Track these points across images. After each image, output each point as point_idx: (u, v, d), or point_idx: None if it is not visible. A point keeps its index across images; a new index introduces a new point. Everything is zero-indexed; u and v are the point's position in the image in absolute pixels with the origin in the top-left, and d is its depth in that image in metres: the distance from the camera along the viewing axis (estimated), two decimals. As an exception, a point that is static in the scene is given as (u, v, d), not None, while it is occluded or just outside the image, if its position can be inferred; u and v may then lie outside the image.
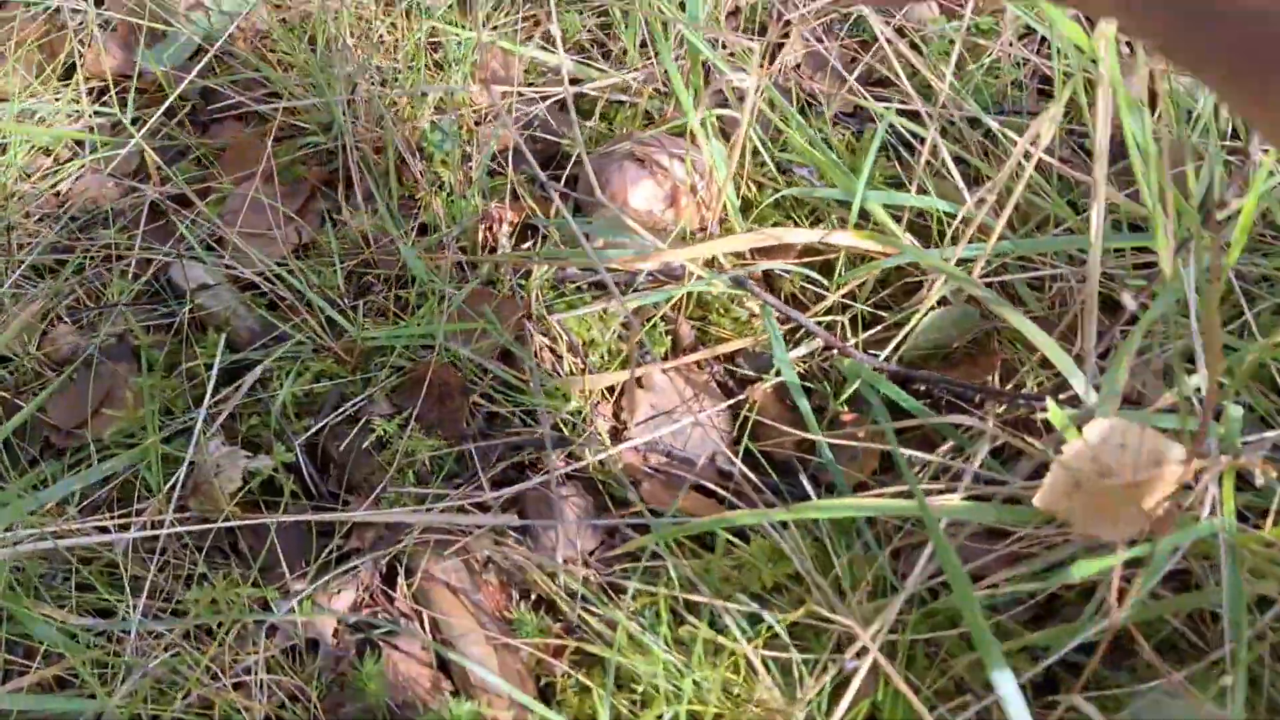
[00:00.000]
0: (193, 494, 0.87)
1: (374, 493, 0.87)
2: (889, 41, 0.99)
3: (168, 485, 0.87)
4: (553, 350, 0.94)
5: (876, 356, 0.89)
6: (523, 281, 0.99)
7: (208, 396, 0.92)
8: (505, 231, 1.01)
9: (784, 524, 0.81)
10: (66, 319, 1.03)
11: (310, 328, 0.96)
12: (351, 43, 1.10)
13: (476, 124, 1.12)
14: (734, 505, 0.86)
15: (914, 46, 1.13)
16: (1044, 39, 1.14)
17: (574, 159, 1.05)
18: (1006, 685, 0.61)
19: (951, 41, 1.13)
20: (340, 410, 0.92)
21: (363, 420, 0.92)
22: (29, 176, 1.17)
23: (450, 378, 0.91)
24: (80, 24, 1.28)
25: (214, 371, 0.93)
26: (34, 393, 0.98)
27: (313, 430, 0.91)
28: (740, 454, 0.88)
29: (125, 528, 0.86)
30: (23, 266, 1.06)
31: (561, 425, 0.91)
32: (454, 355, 0.93)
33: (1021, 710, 0.61)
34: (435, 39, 1.16)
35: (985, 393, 0.84)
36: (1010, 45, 1.09)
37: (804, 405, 0.86)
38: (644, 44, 1.14)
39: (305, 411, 0.94)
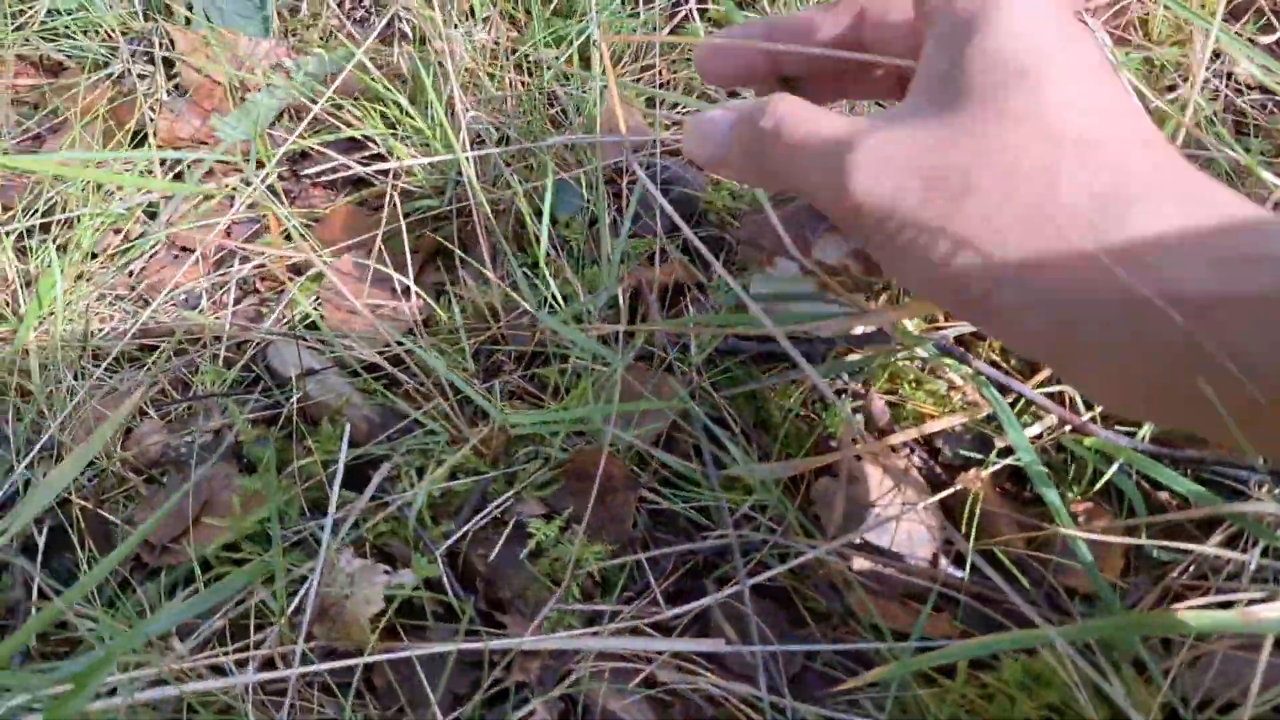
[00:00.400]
0: (319, 619, 0.73)
1: (537, 613, 0.73)
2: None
3: (290, 609, 0.73)
4: (726, 435, 0.81)
5: (1121, 435, 0.76)
6: (681, 355, 0.86)
7: (333, 500, 0.78)
8: (655, 297, 0.88)
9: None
10: (152, 413, 0.90)
11: (441, 414, 0.83)
12: (464, 97, 0.99)
13: (607, 182, 0.99)
14: (975, 619, 0.72)
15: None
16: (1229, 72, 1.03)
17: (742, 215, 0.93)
18: None
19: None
20: (484, 512, 0.79)
21: (511, 523, 0.78)
22: (95, 256, 1.05)
23: (614, 470, 0.78)
24: (149, 89, 1.17)
25: (339, 469, 0.80)
26: (119, 502, 0.85)
27: (454, 537, 0.78)
28: (970, 555, 0.74)
29: (243, 664, 0.72)
30: (109, 358, 0.93)
31: (744, 524, 0.78)
32: (615, 443, 0.80)
33: None
34: (553, 88, 1.05)
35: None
36: (1205, 77, 0.97)
37: (1051, 497, 0.71)
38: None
39: (441, 514, 0.80)
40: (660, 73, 1.09)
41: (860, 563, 0.76)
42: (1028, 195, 0.45)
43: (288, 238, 1.03)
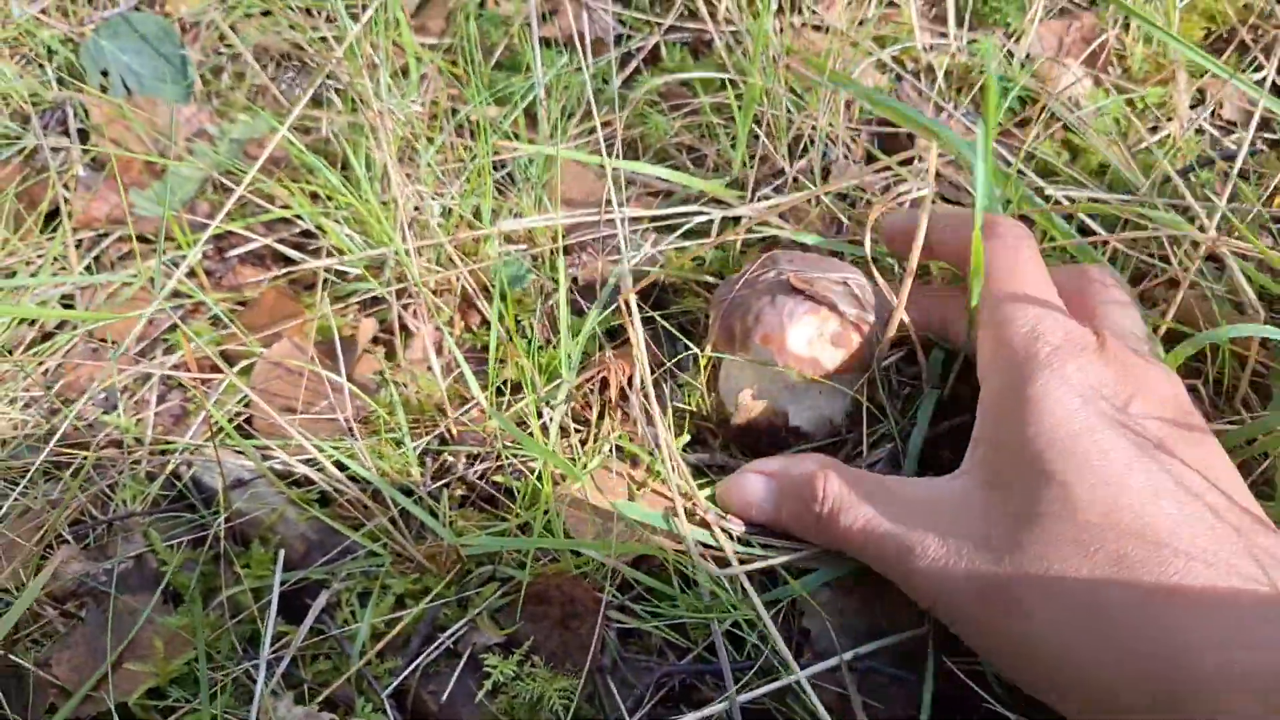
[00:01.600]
0: (254, 779, 0.65)
1: (497, 762, 0.65)
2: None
3: (223, 772, 0.65)
4: (708, 542, 0.73)
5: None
6: (654, 451, 0.78)
7: (267, 637, 0.70)
8: (624, 386, 0.80)
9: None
10: (69, 537, 0.81)
11: (383, 531, 0.75)
12: (397, 165, 0.91)
13: (565, 252, 0.92)
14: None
15: (1068, 129, 0.95)
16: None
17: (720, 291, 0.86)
18: None
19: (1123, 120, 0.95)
20: (435, 644, 0.71)
21: (466, 655, 0.70)
22: (9, 353, 0.96)
23: (577, 591, 0.70)
24: (63, 165, 1.09)
25: (273, 601, 0.72)
26: (34, 641, 0.76)
27: (402, 675, 0.70)
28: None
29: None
30: (21, 472, 0.85)
31: (728, 643, 0.70)
32: (582, 561, 0.72)
33: None
34: (500, 157, 0.97)
35: None
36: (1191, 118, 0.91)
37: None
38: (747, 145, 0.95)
39: (387, 647, 0.72)
40: (613, 130, 1.02)
41: (855, 680, 0.69)
42: (1071, 614, 0.52)
43: (215, 323, 0.95)
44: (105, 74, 1.13)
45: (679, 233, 0.91)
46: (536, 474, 0.75)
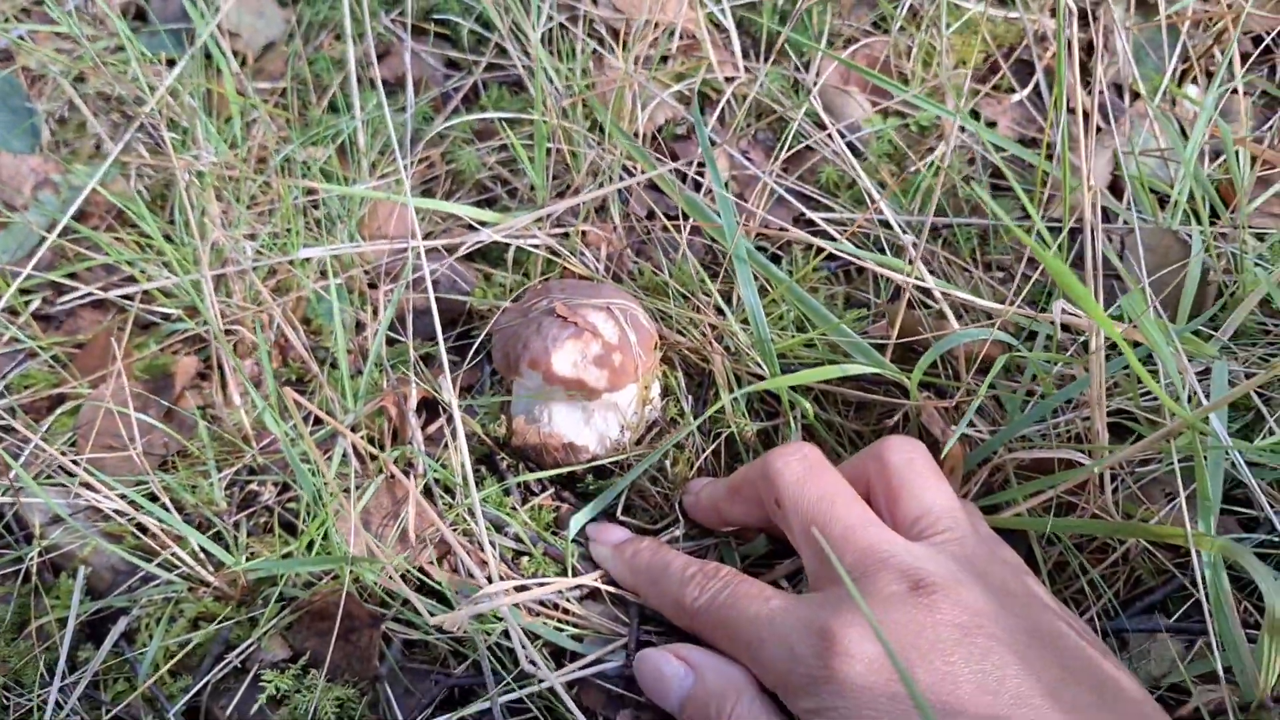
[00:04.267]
0: (44, 798, 0.70)
1: (271, 771, 0.70)
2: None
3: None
4: (480, 558, 0.79)
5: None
6: (441, 469, 0.84)
7: (61, 664, 0.75)
8: (412, 410, 0.86)
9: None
10: (-111, 573, 0.86)
11: (182, 561, 0.80)
12: (218, 208, 0.96)
13: (371, 286, 0.97)
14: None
15: (851, 148, 1.01)
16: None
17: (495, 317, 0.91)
18: None
19: (891, 142, 1.02)
20: (224, 662, 0.76)
21: (253, 671, 0.75)
22: None
23: (354, 608, 0.75)
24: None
25: (68, 630, 0.76)
26: None
27: (192, 691, 0.75)
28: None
29: None
30: None
31: (496, 650, 0.76)
32: (357, 577, 0.77)
33: None
34: (315, 196, 1.02)
35: None
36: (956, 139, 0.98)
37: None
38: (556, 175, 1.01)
39: (184, 667, 0.77)
40: (433, 164, 1.08)
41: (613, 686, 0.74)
42: None
43: (55, 364, 1.00)
44: (-47, 127, 1.17)
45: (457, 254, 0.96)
46: (314, 497, 0.80)
